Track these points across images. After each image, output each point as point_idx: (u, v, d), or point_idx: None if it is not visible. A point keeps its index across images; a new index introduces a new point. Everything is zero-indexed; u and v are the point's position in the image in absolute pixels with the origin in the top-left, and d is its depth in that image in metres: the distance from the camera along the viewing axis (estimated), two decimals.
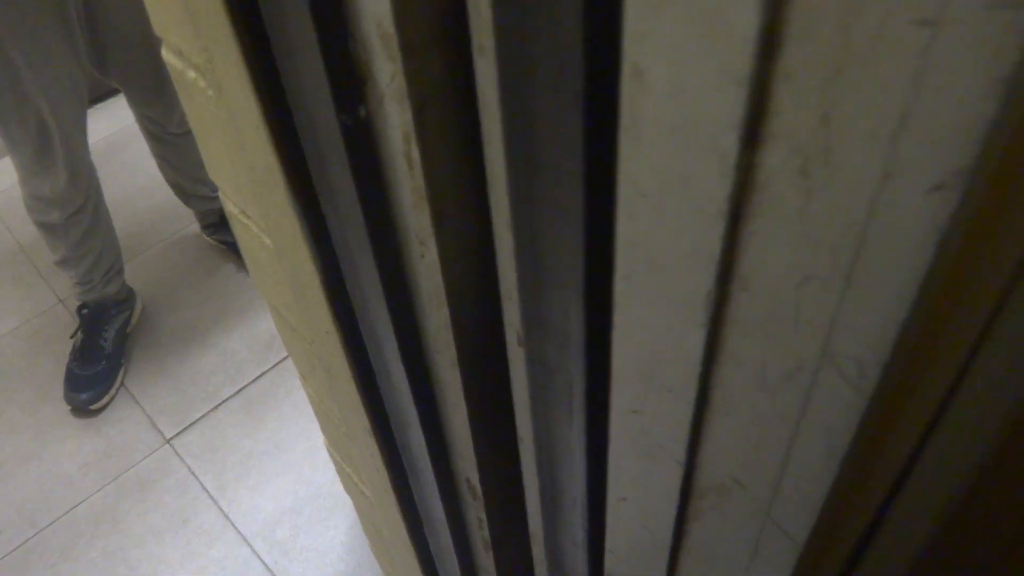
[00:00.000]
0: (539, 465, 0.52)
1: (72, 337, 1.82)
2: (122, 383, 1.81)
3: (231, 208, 0.73)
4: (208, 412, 1.76)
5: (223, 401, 1.78)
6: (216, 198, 1.95)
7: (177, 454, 1.69)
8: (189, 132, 1.78)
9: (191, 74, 0.62)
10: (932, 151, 0.19)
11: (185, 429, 1.73)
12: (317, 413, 0.92)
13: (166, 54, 0.65)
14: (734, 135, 0.23)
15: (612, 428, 0.38)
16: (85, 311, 1.79)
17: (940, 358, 0.26)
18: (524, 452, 0.55)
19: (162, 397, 1.79)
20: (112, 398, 1.77)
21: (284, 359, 1.84)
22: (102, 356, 1.77)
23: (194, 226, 2.12)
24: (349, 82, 0.39)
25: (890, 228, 0.21)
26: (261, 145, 0.49)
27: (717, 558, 0.39)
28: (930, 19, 0.17)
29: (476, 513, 0.62)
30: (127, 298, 1.86)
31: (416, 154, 0.39)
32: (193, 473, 1.66)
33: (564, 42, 0.27)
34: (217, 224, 2.04)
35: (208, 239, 2.09)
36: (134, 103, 1.73)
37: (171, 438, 1.72)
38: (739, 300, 0.27)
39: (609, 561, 0.51)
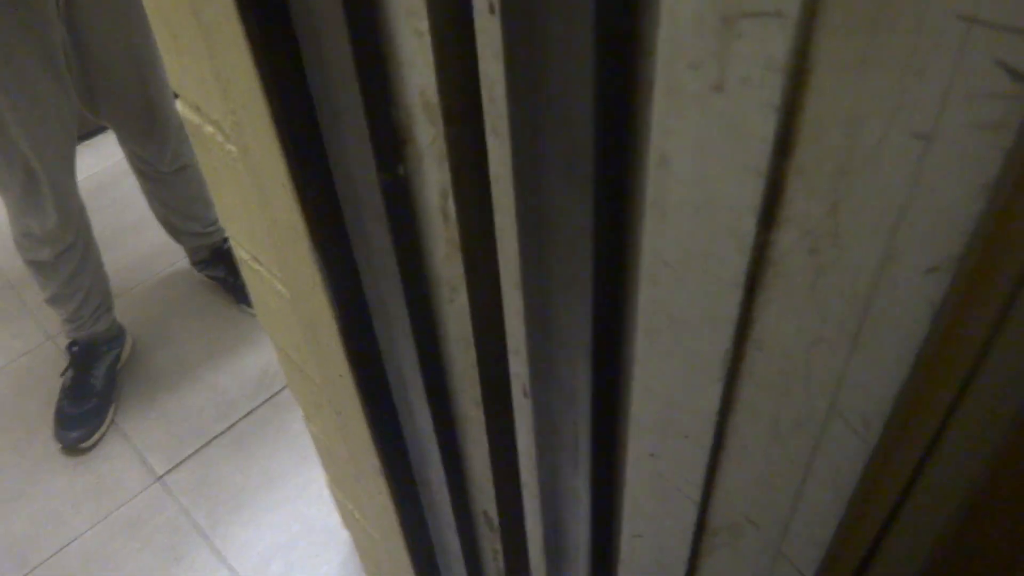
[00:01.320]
0: (543, 509, 0.54)
1: (62, 375, 1.82)
2: (112, 420, 1.81)
3: (242, 254, 0.75)
4: (199, 448, 1.76)
5: (214, 437, 1.78)
6: (207, 234, 1.97)
7: (169, 491, 1.69)
8: (180, 169, 1.80)
9: (208, 129, 0.65)
10: (927, 240, 0.22)
11: (176, 466, 1.73)
12: (320, 451, 0.94)
13: (182, 108, 0.68)
14: (752, 218, 0.26)
15: (628, 470, 0.41)
16: (75, 348, 1.79)
17: (932, 407, 0.29)
18: (527, 497, 0.57)
19: (153, 434, 1.79)
20: (103, 435, 1.77)
21: (275, 395, 1.84)
22: (92, 394, 1.77)
23: (184, 262, 2.13)
24: (390, 144, 0.42)
25: (891, 302, 0.24)
26: (286, 203, 0.52)
27: None
28: (925, 133, 0.21)
29: (492, 544, 0.64)
30: (117, 335, 1.87)
31: (452, 209, 0.42)
32: (185, 510, 1.66)
33: (575, 127, 0.31)
34: (208, 260, 2.05)
35: (198, 275, 2.10)
36: (124, 141, 1.74)
37: (162, 475, 1.72)
38: (754, 358, 0.30)
39: None
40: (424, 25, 0.34)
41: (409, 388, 0.57)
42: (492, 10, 0.34)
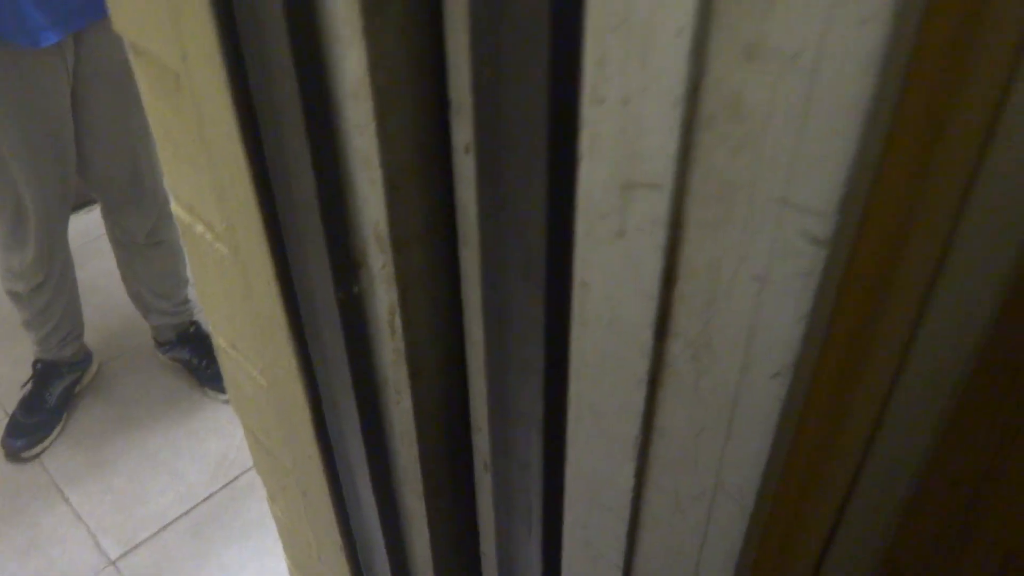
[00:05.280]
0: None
1: (23, 387, 1.94)
2: (57, 437, 1.92)
3: (220, 341, 0.81)
4: (155, 533, 1.75)
5: (171, 522, 1.78)
6: (175, 313, 2.02)
7: None
8: (157, 244, 1.91)
9: (199, 228, 0.72)
10: (770, 353, 0.30)
11: (131, 550, 1.72)
12: (282, 533, 0.98)
13: (175, 208, 0.75)
14: (649, 330, 0.33)
15: (564, 540, 0.47)
16: (39, 366, 1.94)
17: (790, 479, 0.36)
18: (486, 566, 0.63)
19: (108, 517, 1.78)
20: (44, 449, 1.88)
21: (233, 480, 1.85)
22: (44, 409, 1.91)
23: (148, 343, 2.15)
24: (346, 265, 0.50)
25: (751, 398, 0.32)
26: (271, 298, 0.59)
27: None
28: (761, 277, 0.29)
29: None
30: (82, 360, 2.01)
31: (398, 323, 0.49)
32: None
33: (530, 244, 0.38)
34: (173, 341, 2.08)
35: (162, 356, 2.13)
36: (107, 211, 1.87)
37: (116, 559, 1.70)
38: (658, 443, 0.37)
39: None
40: (377, 173, 0.42)
41: (357, 479, 0.63)
42: (467, 150, 0.43)
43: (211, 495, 1.83)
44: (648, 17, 0.26)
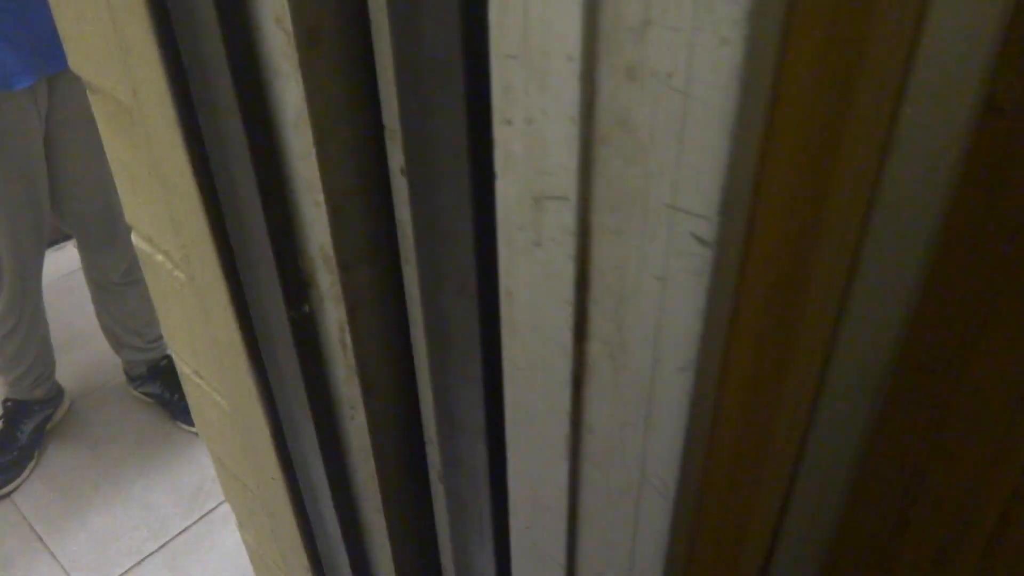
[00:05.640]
0: None
1: None
2: (29, 475, 1.92)
3: (185, 368, 0.83)
4: (130, 568, 1.74)
5: (146, 556, 1.76)
6: (147, 349, 2.03)
7: None
8: (132, 283, 1.92)
9: (159, 257, 0.74)
10: (676, 347, 0.32)
11: None
12: (253, 559, 0.98)
13: (136, 239, 0.77)
14: (569, 333, 0.36)
15: (512, 543, 0.49)
16: (9, 404, 1.95)
17: (710, 471, 0.38)
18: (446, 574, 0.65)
19: (82, 553, 1.76)
20: (18, 487, 1.88)
21: (209, 512, 1.85)
22: (15, 447, 1.91)
23: (119, 378, 2.15)
24: (297, 286, 0.52)
25: (663, 392, 0.34)
26: (227, 324, 0.60)
27: None
28: (661, 276, 0.31)
29: None
30: (53, 398, 2.01)
31: (349, 340, 0.51)
32: None
33: (463, 259, 0.41)
34: (144, 376, 2.08)
35: (134, 392, 2.13)
36: (83, 249, 1.88)
37: None
38: (587, 440, 0.39)
39: None
40: (320, 197, 0.45)
41: (319, 496, 0.65)
42: (403, 172, 0.45)
43: (187, 528, 1.82)
44: (541, 45, 0.29)
